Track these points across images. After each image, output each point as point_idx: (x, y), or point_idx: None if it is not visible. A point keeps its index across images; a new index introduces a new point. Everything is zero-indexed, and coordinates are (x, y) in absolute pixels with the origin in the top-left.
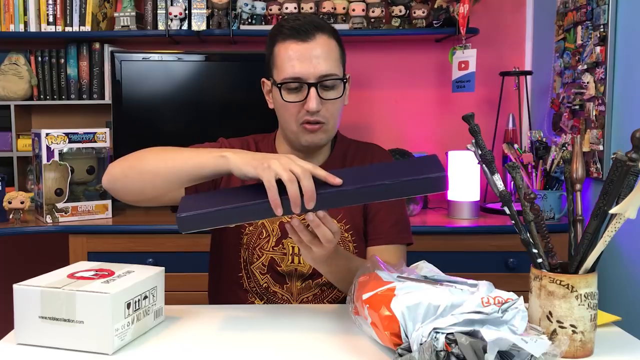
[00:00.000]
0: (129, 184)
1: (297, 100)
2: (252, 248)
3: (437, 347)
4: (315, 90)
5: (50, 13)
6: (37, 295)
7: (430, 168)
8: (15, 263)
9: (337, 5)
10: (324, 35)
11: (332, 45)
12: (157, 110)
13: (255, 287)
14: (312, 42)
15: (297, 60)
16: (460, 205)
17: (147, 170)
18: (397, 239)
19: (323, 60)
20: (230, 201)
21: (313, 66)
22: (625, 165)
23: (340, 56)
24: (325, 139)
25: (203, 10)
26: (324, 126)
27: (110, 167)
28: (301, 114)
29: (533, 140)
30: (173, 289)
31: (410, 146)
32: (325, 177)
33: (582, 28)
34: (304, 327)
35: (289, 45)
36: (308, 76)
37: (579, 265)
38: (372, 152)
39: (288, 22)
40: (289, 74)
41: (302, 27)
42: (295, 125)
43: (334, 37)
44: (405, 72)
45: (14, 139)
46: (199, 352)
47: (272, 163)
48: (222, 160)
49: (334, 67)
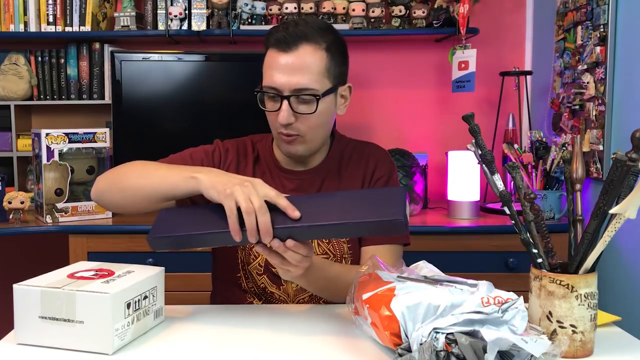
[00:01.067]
0: (112, 198)
1: (272, 110)
2: (249, 249)
3: (437, 347)
4: (287, 103)
5: (50, 13)
6: (37, 295)
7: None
8: (15, 263)
9: (337, 5)
10: (308, 47)
11: (317, 57)
12: (157, 110)
13: (254, 287)
14: (292, 53)
15: (276, 70)
16: (460, 205)
17: (127, 187)
18: (392, 238)
19: (300, 73)
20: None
21: (288, 78)
22: (625, 165)
23: (328, 68)
24: (304, 150)
25: (203, 10)
26: (300, 138)
27: (98, 179)
28: (277, 124)
29: (533, 140)
30: (173, 289)
31: (410, 146)
32: (285, 209)
33: (582, 28)
34: (304, 327)
35: (272, 54)
36: (283, 88)
37: (579, 265)
38: (370, 151)
39: (277, 31)
40: (267, 82)
41: (285, 38)
42: (275, 132)
43: (323, 48)
44: (405, 72)
45: (14, 139)
46: (199, 352)
47: (235, 190)
48: (193, 181)
49: (312, 81)
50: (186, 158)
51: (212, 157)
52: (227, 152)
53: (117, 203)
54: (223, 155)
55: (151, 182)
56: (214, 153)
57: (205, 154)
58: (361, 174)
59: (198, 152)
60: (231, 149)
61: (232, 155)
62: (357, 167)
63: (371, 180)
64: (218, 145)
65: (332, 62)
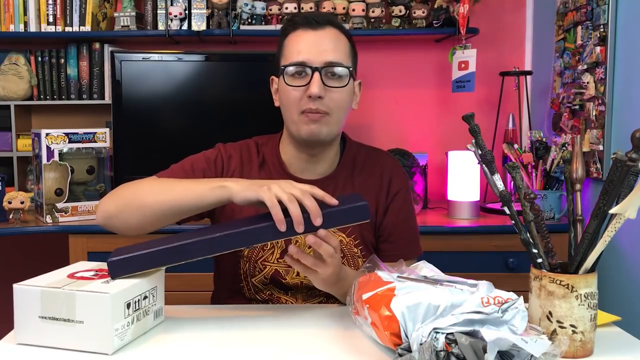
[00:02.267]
0: (129, 219)
1: (300, 85)
2: (254, 261)
3: (437, 347)
4: (319, 75)
5: (50, 13)
6: (37, 295)
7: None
8: (15, 263)
9: (337, 5)
10: (335, 29)
11: (343, 40)
12: (157, 110)
13: (258, 295)
14: (322, 31)
15: (305, 45)
16: (460, 205)
17: (146, 204)
18: (410, 254)
19: (331, 49)
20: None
21: (319, 52)
22: (625, 165)
23: (350, 52)
24: (326, 133)
25: (203, 10)
26: (327, 117)
27: (103, 203)
28: (303, 101)
29: (533, 140)
30: (173, 289)
31: (410, 146)
32: (323, 197)
33: (582, 28)
34: (304, 327)
35: (299, 33)
36: (313, 61)
37: (579, 265)
38: (383, 162)
39: (298, 15)
40: (294, 58)
41: (314, 17)
42: (296, 113)
43: (345, 35)
44: (405, 72)
45: (14, 139)
46: (199, 352)
47: (272, 186)
48: (222, 190)
49: (341, 57)
50: (187, 169)
51: (214, 166)
52: (230, 159)
53: (136, 224)
54: (226, 163)
55: (174, 196)
56: (216, 161)
57: (207, 163)
58: (376, 184)
59: (199, 162)
60: (234, 154)
61: (236, 161)
62: (371, 176)
63: (388, 195)
64: (220, 151)
65: (352, 51)
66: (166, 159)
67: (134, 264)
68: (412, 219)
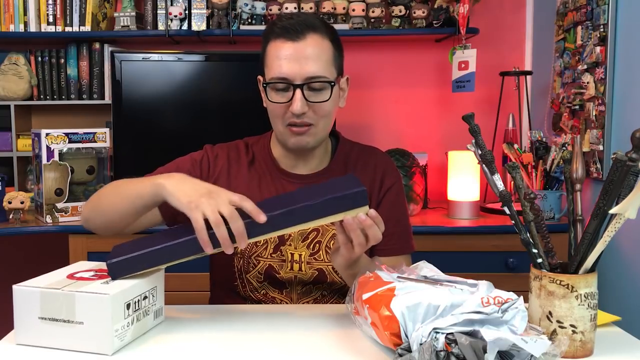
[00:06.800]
0: (96, 223)
1: (282, 101)
2: (248, 257)
3: (437, 347)
4: (300, 92)
5: (50, 13)
6: (37, 296)
7: (350, 185)
8: (15, 263)
9: (337, 5)
10: (315, 35)
11: (325, 46)
12: (157, 110)
13: (253, 295)
14: (302, 41)
15: (285, 60)
16: (460, 205)
17: (105, 209)
18: (402, 249)
19: (312, 61)
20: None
21: (300, 67)
22: (625, 165)
23: (334, 58)
24: (312, 142)
25: (203, 10)
26: (312, 129)
27: (83, 207)
28: (287, 116)
29: (533, 140)
30: (173, 289)
31: (410, 146)
32: (251, 212)
33: (582, 28)
34: (304, 327)
35: (279, 45)
36: (294, 77)
37: (579, 265)
38: (377, 158)
39: (280, 21)
40: (275, 73)
41: (293, 27)
42: (282, 126)
43: (328, 38)
44: (405, 72)
45: (14, 139)
46: (199, 352)
47: (200, 203)
48: (155, 187)
49: (323, 69)
50: (171, 170)
51: (199, 166)
52: (216, 159)
53: (103, 226)
54: (212, 163)
55: (120, 198)
56: (201, 162)
57: (192, 164)
58: (369, 179)
59: (185, 163)
60: (221, 154)
61: (223, 161)
62: (364, 172)
63: (381, 190)
64: (207, 152)
65: (336, 52)
66: (166, 159)
67: (134, 264)
68: (404, 215)
